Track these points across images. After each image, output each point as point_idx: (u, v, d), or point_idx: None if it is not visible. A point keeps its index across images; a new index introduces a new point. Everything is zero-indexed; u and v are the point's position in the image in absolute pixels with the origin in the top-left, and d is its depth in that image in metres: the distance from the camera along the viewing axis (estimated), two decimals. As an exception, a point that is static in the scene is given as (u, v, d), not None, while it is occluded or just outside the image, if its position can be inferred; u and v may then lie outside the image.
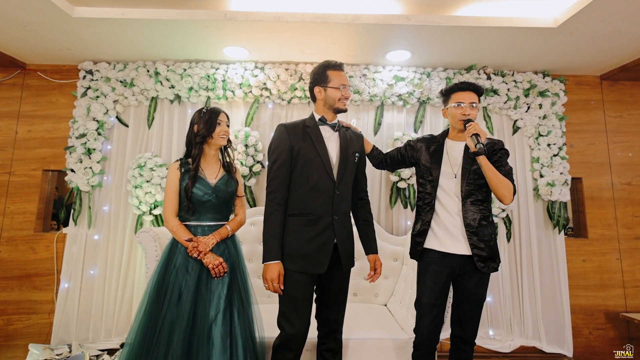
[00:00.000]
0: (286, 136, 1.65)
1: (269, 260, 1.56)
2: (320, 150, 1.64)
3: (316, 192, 1.62)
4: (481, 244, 1.62)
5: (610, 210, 2.96)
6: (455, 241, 1.65)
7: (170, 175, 1.77)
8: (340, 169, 1.67)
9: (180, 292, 1.62)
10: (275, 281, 1.55)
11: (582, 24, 2.26)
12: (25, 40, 2.57)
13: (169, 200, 1.75)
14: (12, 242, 2.81)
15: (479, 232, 1.63)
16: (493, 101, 2.93)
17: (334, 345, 1.75)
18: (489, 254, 1.63)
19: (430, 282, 1.69)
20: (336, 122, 1.74)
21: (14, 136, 2.91)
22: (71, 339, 2.68)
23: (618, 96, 3.07)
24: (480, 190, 1.67)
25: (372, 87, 2.91)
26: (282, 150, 1.63)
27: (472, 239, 1.62)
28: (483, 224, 1.65)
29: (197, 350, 1.55)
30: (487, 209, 1.68)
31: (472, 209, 1.65)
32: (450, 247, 1.66)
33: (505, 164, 1.66)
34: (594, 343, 2.84)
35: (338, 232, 1.64)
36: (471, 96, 1.71)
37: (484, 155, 1.58)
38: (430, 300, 1.68)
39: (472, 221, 1.64)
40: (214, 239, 1.71)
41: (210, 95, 2.90)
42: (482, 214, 1.66)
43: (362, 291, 2.71)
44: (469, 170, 1.67)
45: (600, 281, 2.89)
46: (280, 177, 1.62)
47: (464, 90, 1.72)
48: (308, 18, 2.30)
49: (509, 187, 1.58)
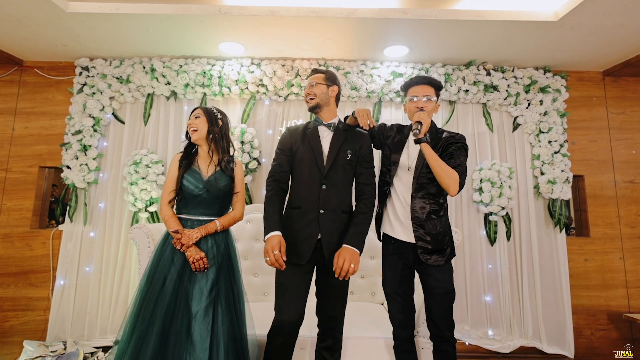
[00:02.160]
0: (288, 137, 1.81)
1: (268, 232, 1.61)
2: (315, 147, 1.73)
3: (306, 186, 1.71)
4: (427, 237, 1.66)
5: (612, 209, 2.90)
6: (405, 229, 1.71)
7: (172, 165, 1.84)
8: (327, 162, 1.72)
9: (163, 282, 1.63)
10: (276, 248, 1.53)
11: (583, 17, 2.21)
12: (21, 37, 2.57)
13: (166, 189, 1.80)
14: (8, 238, 2.80)
15: (425, 225, 1.67)
16: (493, 97, 2.88)
17: (332, 343, 1.75)
18: (435, 247, 1.66)
19: (389, 271, 1.78)
20: (332, 122, 1.79)
21: (11, 133, 2.90)
22: (66, 336, 2.67)
23: (621, 92, 3.01)
24: (431, 184, 1.69)
25: (369, 84, 2.87)
26: (284, 148, 1.79)
27: (419, 231, 1.67)
28: (432, 217, 1.68)
29: (174, 345, 1.53)
30: (437, 203, 1.70)
31: (422, 202, 1.69)
32: (401, 234, 1.72)
33: (457, 158, 1.64)
34: (596, 344, 2.79)
35: (323, 227, 1.66)
36: (425, 89, 1.73)
37: (426, 144, 1.60)
38: (391, 289, 1.76)
39: (420, 214, 1.68)
40: (198, 233, 1.72)
41: (206, 92, 2.88)
42: (432, 208, 1.69)
43: (358, 290, 2.67)
44: (422, 164, 1.69)
45: (603, 281, 2.84)
46: (280, 161, 1.76)
47: (419, 84, 1.74)
48: (303, 12, 2.27)
49: (453, 177, 1.57)
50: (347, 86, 2.87)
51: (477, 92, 2.88)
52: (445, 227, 1.72)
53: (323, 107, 1.79)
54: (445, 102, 2.97)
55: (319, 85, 1.77)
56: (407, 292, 1.78)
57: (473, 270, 2.80)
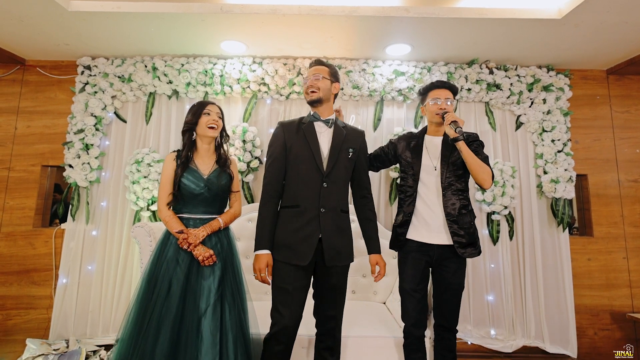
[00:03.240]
0: (281, 133, 1.72)
1: (258, 249, 1.61)
2: (312, 143, 1.68)
3: (304, 184, 1.66)
4: (461, 232, 1.73)
5: (616, 208, 2.88)
6: (432, 232, 1.76)
7: (166, 166, 1.78)
8: (329, 162, 1.68)
9: (170, 284, 1.61)
10: (263, 271, 1.58)
11: (587, 15, 2.19)
12: (23, 36, 2.57)
13: (163, 190, 1.76)
14: (11, 237, 2.81)
15: (458, 220, 1.74)
16: (495, 96, 2.86)
17: (332, 343, 1.73)
18: (469, 240, 1.74)
19: (410, 268, 1.80)
20: (330, 119, 1.74)
21: (13, 132, 2.91)
22: (69, 334, 2.68)
23: (625, 91, 2.99)
24: (459, 181, 1.78)
25: (371, 82, 2.86)
26: (277, 146, 1.70)
27: (453, 227, 1.73)
28: (463, 212, 1.76)
29: (185, 344, 1.53)
30: (466, 198, 1.79)
31: (452, 198, 1.75)
32: (428, 238, 1.77)
33: (482, 153, 1.77)
34: (599, 344, 2.77)
35: (324, 226, 1.63)
36: (446, 93, 1.82)
37: (463, 141, 1.69)
38: (411, 285, 1.79)
39: (452, 210, 1.74)
40: (204, 231, 1.71)
41: (208, 91, 2.88)
42: (462, 203, 1.77)
43: (360, 289, 2.67)
44: (448, 162, 1.78)
45: (606, 280, 2.82)
46: (274, 170, 1.69)
47: (440, 87, 1.84)
48: (305, 10, 2.27)
49: (488, 171, 1.70)
50: (349, 85, 2.86)
51: (479, 91, 2.86)
52: (473, 220, 1.80)
53: (323, 103, 1.73)
54: (448, 101, 2.96)
55: (324, 80, 1.71)
56: (424, 289, 1.83)
57: (475, 270, 2.79)
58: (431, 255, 1.78)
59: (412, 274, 1.78)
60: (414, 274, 1.78)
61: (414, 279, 1.78)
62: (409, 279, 1.79)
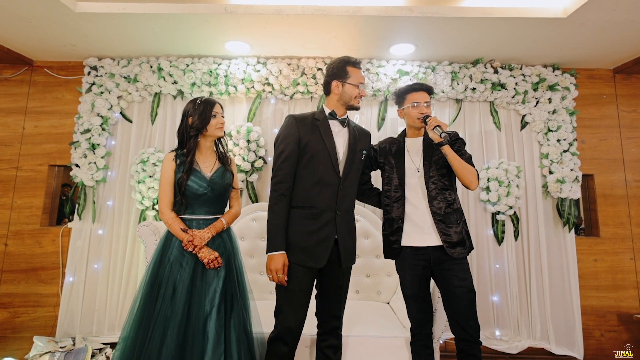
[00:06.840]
0: (295, 127, 1.63)
1: (273, 250, 1.56)
2: (329, 144, 1.63)
3: (321, 186, 1.62)
4: (449, 231, 1.70)
5: (623, 208, 2.85)
6: (424, 235, 1.73)
7: (166, 166, 1.73)
8: (346, 165, 1.67)
9: (174, 286, 1.60)
10: (280, 272, 1.55)
11: (593, 14, 2.18)
12: (31, 37, 2.61)
13: (164, 192, 1.72)
14: (19, 235, 2.85)
15: (445, 219, 1.71)
16: (500, 95, 2.85)
17: (335, 342, 1.74)
18: (457, 239, 1.70)
19: (408, 275, 1.77)
20: (345, 118, 1.74)
21: (21, 132, 2.95)
22: (75, 332, 2.71)
23: (632, 90, 2.96)
24: (443, 180, 1.75)
25: (375, 82, 2.86)
26: (290, 142, 1.62)
27: (440, 226, 1.70)
28: (448, 211, 1.72)
29: (192, 345, 1.53)
30: (451, 196, 1.75)
31: (438, 197, 1.73)
32: (421, 241, 1.74)
33: (465, 152, 1.75)
34: (606, 345, 2.74)
35: (339, 228, 1.63)
36: (424, 96, 1.80)
37: (448, 145, 1.66)
38: (412, 291, 1.77)
39: (438, 209, 1.71)
40: (209, 233, 1.69)
41: (212, 91, 2.89)
42: (447, 202, 1.73)
43: (364, 289, 2.67)
44: (431, 161, 1.76)
45: (613, 281, 2.79)
46: (286, 168, 1.61)
47: (418, 90, 1.81)
48: (309, 10, 2.27)
49: (474, 172, 1.69)
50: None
51: (484, 90, 2.85)
52: (461, 218, 1.76)
53: None
54: (452, 101, 2.95)
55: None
56: (426, 292, 1.81)
57: (480, 270, 2.78)
58: (427, 259, 1.73)
59: (411, 280, 1.76)
60: (413, 280, 1.76)
61: (414, 284, 1.76)
62: (409, 285, 1.77)
